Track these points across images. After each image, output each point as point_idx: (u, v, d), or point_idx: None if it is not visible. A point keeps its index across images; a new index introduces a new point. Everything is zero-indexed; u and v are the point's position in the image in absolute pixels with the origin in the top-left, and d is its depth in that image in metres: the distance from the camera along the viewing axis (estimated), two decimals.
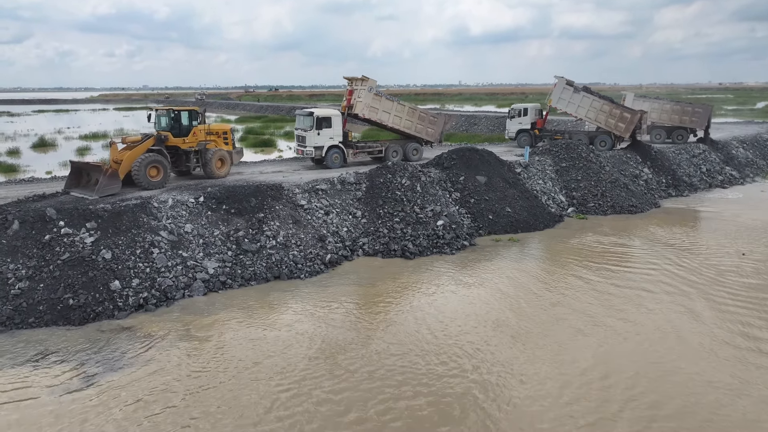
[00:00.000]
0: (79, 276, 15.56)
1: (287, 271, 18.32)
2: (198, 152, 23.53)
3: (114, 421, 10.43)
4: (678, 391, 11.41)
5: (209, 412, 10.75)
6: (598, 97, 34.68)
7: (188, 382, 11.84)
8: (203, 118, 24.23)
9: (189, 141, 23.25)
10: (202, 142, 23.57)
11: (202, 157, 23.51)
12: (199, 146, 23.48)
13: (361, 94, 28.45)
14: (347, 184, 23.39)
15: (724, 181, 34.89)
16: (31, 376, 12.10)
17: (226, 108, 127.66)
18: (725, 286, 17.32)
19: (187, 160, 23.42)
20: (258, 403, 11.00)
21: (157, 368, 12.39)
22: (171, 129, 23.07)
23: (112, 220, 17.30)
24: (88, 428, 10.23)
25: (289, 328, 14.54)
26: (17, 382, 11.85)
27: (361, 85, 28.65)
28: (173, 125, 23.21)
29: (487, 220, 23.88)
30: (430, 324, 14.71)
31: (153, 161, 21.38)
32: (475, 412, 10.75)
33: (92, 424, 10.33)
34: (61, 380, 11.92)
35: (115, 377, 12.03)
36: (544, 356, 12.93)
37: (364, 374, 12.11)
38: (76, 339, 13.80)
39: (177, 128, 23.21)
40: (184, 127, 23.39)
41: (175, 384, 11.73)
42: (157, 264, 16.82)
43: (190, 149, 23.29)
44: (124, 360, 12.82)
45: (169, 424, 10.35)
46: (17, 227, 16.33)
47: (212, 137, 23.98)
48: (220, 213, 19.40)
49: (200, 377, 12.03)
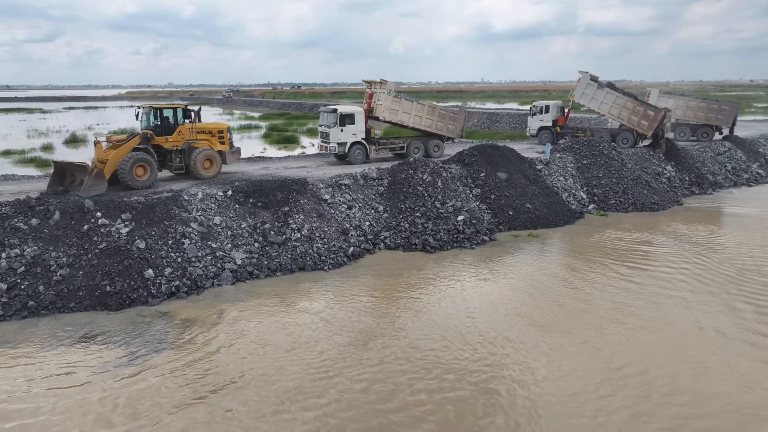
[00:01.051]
0: (116, 264, 16.38)
1: (311, 263, 18.94)
2: (182, 151, 22.74)
3: (161, 400, 11.12)
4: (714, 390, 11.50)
5: (247, 397, 11.36)
6: (622, 93, 34.61)
7: (226, 365, 12.49)
8: (197, 117, 23.56)
9: (173, 140, 22.53)
10: (189, 141, 22.86)
11: (186, 157, 22.74)
12: (185, 145, 22.75)
13: (380, 97, 28.95)
14: (370, 179, 23.91)
15: (750, 180, 34.55)
16: (81, 356, 12.94)
17: (249, 105, 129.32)
18: (752, 283, 17.40)
19: (170, 159, 22.65)
20: (295, 388, 11.54)
21: (197, 351, 13.10)
22: (156, 127, 22.49)
23: (145, 212, 18.10)
24: (138, 406, 10.92)
25: (317, 316, 15.15)
26: (70, 361, 12.69)
27: (380, 88, 29.16)
28: (158, 123, 22.59)
29: (507, 215, 24.18)
30: (456, 315, 15.16)
31: (139, 160, 20.89)
32: (509, 406, 11.14)
33: (141, 403, 11.05)
34: (110, 360, 12.72)
35: (159, 358, 12.79)
36: (574, 350, 13.22)
37: (398, 361, 12.61)
38: (118, 323, 14.62)
39: (162, 126, 22.59)
40: (169, 126, 22.77)
41: (215, 367, 12.40)
42: (187, 254, 17.58)
43: (173, 148, 22.56)
44: (166, 343, 13.59)
45: (214, 405, 11.00)
46: (58, 218, 17.21)
47: (204, 136, 23.34)
48: (247, 206, 20.09)
49: (238, 361, 12.67)
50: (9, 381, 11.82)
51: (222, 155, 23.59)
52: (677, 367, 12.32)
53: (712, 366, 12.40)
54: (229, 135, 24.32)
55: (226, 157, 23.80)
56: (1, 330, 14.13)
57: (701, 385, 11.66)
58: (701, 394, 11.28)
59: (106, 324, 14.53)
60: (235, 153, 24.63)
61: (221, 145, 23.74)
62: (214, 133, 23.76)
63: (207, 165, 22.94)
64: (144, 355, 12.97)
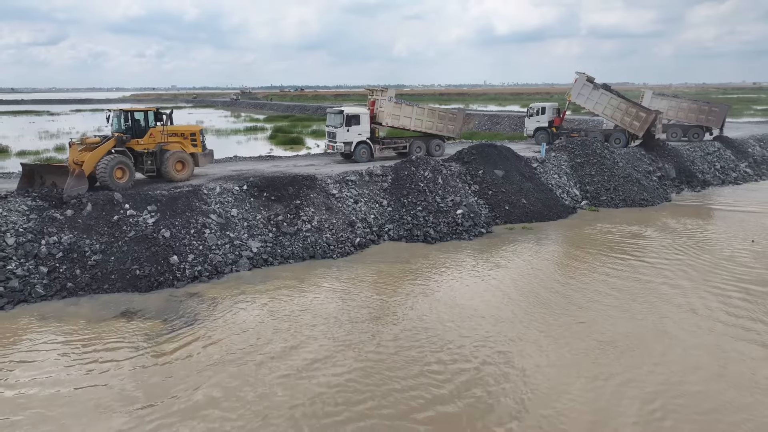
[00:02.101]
0: (144, 251, 17.98)
1: (321, 252, 20.51)
2: (153, 154, 22.79)
3: (204, 364, 12.69)
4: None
5: (281, 364, 12.91)
6: (616, 95, 36.16)
7: (257, 338, 14.07)
8: (169, 119, 23.58)
9: (144, 142, 22.60)
10: (160, 144, 22.95)
11: (157, 159, 22.86)
12: (157, 148, 22.83)
13: (382, 104, 30.58)
14: (374, 176, 25.49)
15: (737, 178, 36.01)
16: (127, 327, 14.65)
17: (254, 108, 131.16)
18: (728, 271, 18.92)
19: (141, 161, 22.61)
20: (323, 359, 13.06)
21: (230, 325, 14.73)
22: (127, 130, 22.52)
23: (169, 204, 19.71)
24: (182, 370, 12.51)
25: (333, 296, 16.80)
26: (118, 331, 14.38)
27: (381, 95, 30.81)
28: (129, 126, 22.63)
29: (504, 210, 25.73)
30: (458, 295, 16.73)
31: (119, 163, 21.08)
32: (509, 376, 12.71)
33: (186, 366, 12.66)
34: (154, 331, 14.39)
35: (196, 330, 14.43)
36: (564, 325, 14.78)
37: (411, 335, 14.17)
38: (153, 302, 16.27)
39: (133, 129, 22.62)
40: (140, 128, 22.81)
41: (250, 338, 14.01)
42: (208, 242, 19.16)
43: (145, 150, 22.61)
44: (200, 317, 15.25)
45: (251, 364, 12.58)
46: (90, 209, 18.82)
47: (177, 138, 23.39)
48: (262, 200, 21.68)
49: (269, 334, 14.26)
50: (71, 347, 13.50)
51: (194, 157, 23.71)
52: (667, 341, 13.87)
53: (690, 341, 13.93)
54: (201, 137, 24.38)
55: (198, 159, 23.91)
56: (47, 308, 15.77)
57: (690, 359, 13.14)
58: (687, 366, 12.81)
59: (143, 303, 16.17)
60: (208, 155, 24.70)
61: (194, 148, 23.79)
62: (187, 135, 23.79)
63: (179, 167, 23.05)
64: (182, 327, 14.63)
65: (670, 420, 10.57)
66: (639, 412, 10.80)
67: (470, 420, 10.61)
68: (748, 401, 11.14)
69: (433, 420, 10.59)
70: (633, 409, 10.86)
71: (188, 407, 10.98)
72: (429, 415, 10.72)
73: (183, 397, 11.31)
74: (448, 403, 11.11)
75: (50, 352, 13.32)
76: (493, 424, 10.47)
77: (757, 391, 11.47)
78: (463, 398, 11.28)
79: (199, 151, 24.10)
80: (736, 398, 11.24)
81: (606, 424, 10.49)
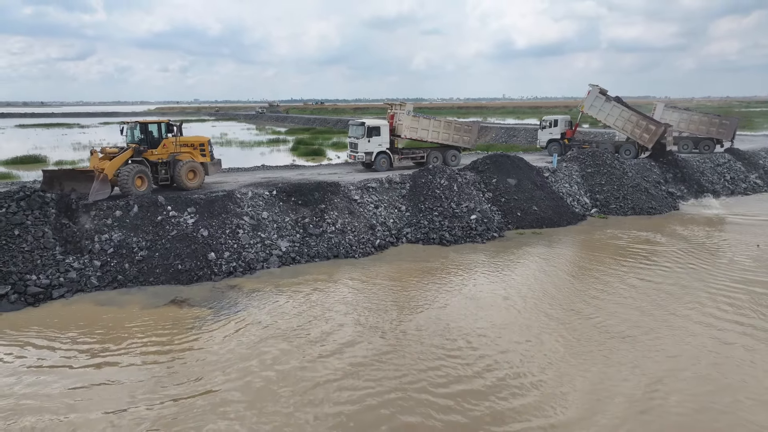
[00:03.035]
0: (184, 248, 19.85)
1: (344, 252, 22.21)
2: (167, 163, 24.02)
3: (248, 343, 14.45)
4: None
5: (321, 347, 14.59)
6: (627, 107, 37.50)
7: (298, 323, 15.79)
8: (179, 131, 24.63)
9: (158, 153, 23.74)
10: (173, 154, 24.12)
11: (171, 169, 24.04)
12: (170, 158, 24.01)
13: (401, 117, 32.39)
14: (394, 183, 27.19)
15: (747, 189, 36.95)
16: (180, 312, 16.54)
17: (275, 120, 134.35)
18: (731, 273, 20.15)
19: (156, 171, 23.69)
20: (351, 339, 14.78)
21: (271, 312, 16.51)
22: (141, 141, 23.62)
23: (207, 206, 21.62)
24: (238, 346, 14.27)
25: (359, 287, 18.55)
26: (173, 315, 16.28)
27: (400, 109, 32.64)
28: (143, 137, 23.72)
29: (516, 216, 27.20)
30: (473, 291, 18.28)
31: (139, 172, 22.28)
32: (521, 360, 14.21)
33: (237, 343, 14.47)
34: (203, 315, 16.25)
35: (242, 315, 16.24)
36: (573, 316, 16.23)
37: (430, 327, 15.78)
38: (198, 292, 18.13)
39: (147, 140, 23.74)
40: (154, 139, 23.91)
41: (289, 321, 15.76)
42: (242, 241, 20.99)
43: (159, 161, 23.82)
44: (241, 305, 17.09)
45: (293, 344, 14.28)
46: (137, 210, 20.80)
47: (187, 149, 24.57)
48: (290, 204, 23.49)
49: (305, 319, 16.00)
50: (138, 326, 15.46)
51: (204, 167, 24.93)
52: (668, 331, 15.25)
53: (689, 328, 15.30)
54: (210, 147, 25.64)
55: (207, 168, 25.16)
56: (103, 296, 17.72)
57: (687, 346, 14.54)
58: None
59: (188, 293, 18.04)
60: (216, 164, 25.89)
61: (203, 157, 25.02)
62: (196, 146, 24.99)
63: (191, 176, 24.23)
64: (227, 313, 16.49)
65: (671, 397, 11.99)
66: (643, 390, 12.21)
67: (489, 394, 12.12)
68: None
69: (457, 395, 12.04)
70: (638, 392, 12.23)
71: (250, 375, 12.79)
72: (452, 391, 12.20)
73: (246, 367, 13.08)
74: (471, 382, 12.57)
75: (115, 331, 15.23)
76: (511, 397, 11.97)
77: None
78: (484, 377, 12.79)
79: (207, 160, 25.32)
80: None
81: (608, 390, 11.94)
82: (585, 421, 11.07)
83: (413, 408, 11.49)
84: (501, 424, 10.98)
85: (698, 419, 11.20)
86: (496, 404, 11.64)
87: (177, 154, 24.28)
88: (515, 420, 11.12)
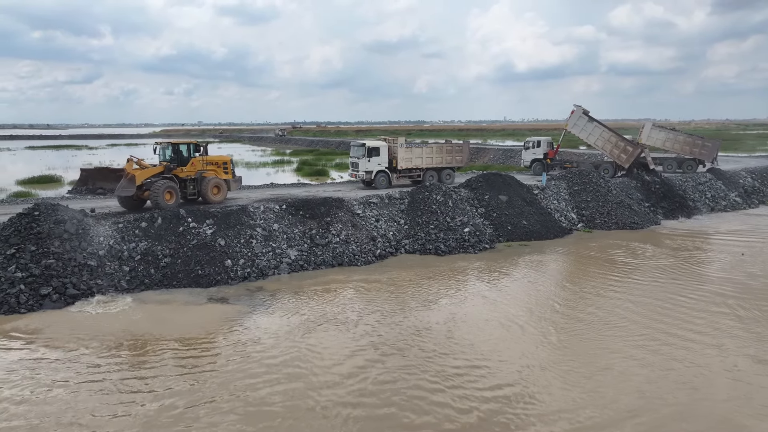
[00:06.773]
0: (204, 255, 22.03)
1: (348, 260, 24.37)
2: (195, 180, 26.44)
3: (281, 333, 16.59)
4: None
5: (343, 336, 16.72)
6: (607, 128, 39.97)
7: (323, 315, 18.06)
8: (205, 150, 27.30)
9: (187, 170, 26.12)
10: (200, 171, 26.53)
11: (198, 185, 26.42)
12: (197, 175, 26.42)
13: (396, 150, 34.72)
14: (393, 199, 29.46)
15: (727, 206, 39.13)
16: (221, 308, 18.83)
17: (279, 143, 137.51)
18: (686, 281, 22.27)
19: (185, 186, 26.14)
20: (367, 329, 16.95)
21: (298, 309, 18.77)
22: (171, 160, 26.04)
23: (223, 219, 23.85)
24: (280, 329, 16.65)
25: (367, 290, 20.73)
26: (214, 311, 18.60)
27: (393, 142, 35.07)
28: (173, 156, 26.19)
29: (506, 230, 29.39)
30: (467, 294, 20.38)
31: (168, 187, 24.71)
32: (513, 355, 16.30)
33: (282, 329, 16.67)
34: (241, 309, 18.60)
35: (275, 309, 18.60)
36: (559, 317, 18.34)
37: (431, 324, 17.89)
38: (233, 293, 20.46)
39: (177, 159, 26.19)
40: (183, 158, 26.36)
41: (314, 313, 18.00)
42: (255, 250, 23.17)
43: (188, 177, 26.19)
44: (270, 302, 19.47)
45: (331, 331, 16.41)
46: (161, 222, 23.04)
47: (212, 167, 27.07)
48: (298, 217, 25.73)
49: (330, 312, 18.32)
50: (189, 317, 17.85)
51: (227, 183, 27.37)
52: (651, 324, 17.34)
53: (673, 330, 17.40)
54: (232, 166, 28.30)
55: (230, 184, 27.67)
56: (142, 297, 19.94)
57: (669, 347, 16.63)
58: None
59: (220, 293, 20.40)
60: (237, 181, 28.57)
61: (225, 174, 27.48)
62: (220, 164, 27.60)
63: (216, 191, 26.67)
64: (262, 306, 18.99)
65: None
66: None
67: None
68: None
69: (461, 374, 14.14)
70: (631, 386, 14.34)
71: (297, 351, 15.09)
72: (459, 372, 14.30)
73: (291, 346, 15.32)
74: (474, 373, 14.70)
75: (174, 323, 17.46)
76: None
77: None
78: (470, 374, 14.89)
79: (230, 177, 27.81)
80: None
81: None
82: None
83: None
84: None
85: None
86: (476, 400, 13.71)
87: (203, 171, 26.68)
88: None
